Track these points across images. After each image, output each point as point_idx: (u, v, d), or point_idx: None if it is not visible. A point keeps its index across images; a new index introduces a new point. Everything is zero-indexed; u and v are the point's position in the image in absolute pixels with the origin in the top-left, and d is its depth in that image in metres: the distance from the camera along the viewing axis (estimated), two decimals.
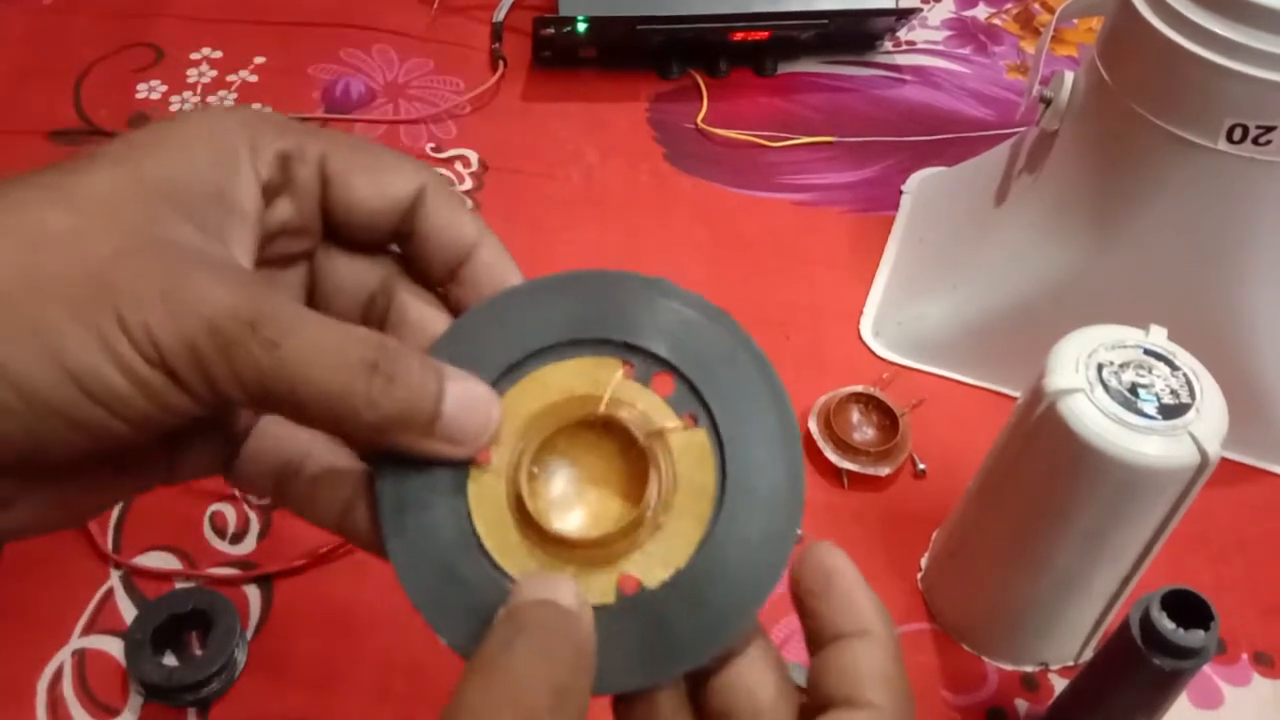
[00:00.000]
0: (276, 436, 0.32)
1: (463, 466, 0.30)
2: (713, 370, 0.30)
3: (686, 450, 0.30)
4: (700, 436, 0.30)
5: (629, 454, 0.30)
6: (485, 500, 0.29)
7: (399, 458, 0.29)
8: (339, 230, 0.32)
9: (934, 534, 0.62)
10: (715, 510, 0.29)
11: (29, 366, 0.24)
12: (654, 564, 0.29)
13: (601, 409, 0.30)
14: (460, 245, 0.32)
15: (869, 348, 0.71)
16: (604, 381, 0.30)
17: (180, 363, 0.25)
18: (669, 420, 0.30)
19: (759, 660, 0.30)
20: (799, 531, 0.30)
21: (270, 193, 0.30)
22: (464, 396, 0.29)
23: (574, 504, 0.31)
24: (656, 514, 0.29)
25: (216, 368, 0.25)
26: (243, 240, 0.29)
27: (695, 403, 0.30)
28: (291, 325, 0.26)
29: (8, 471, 0.27)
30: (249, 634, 0.57)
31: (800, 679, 0.30)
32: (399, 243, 0.33)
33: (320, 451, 0.32)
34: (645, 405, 0.30)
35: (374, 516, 0.30)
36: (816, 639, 0.30)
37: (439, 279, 0.32)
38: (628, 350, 0.30)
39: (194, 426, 0.28)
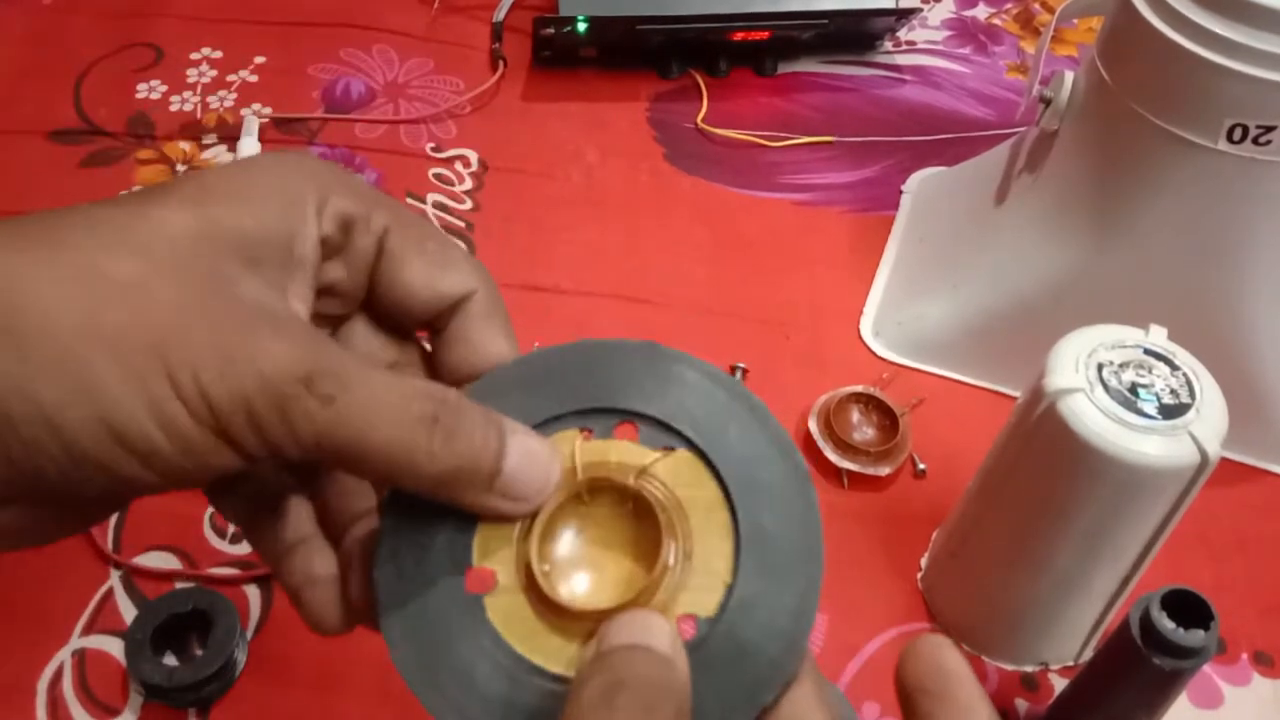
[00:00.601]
0: (261, 478, 0.32)
1: (471, 524, 0.29)
2: (673, 400, 0.30)
3: (677, 475, 0.29)
4: (683, 455, 0.29)
5: (630, 513, 0.30)
6: (490, 561, 0.29)
7: (408, 507, 0.29)
8: (377, 304, 0.32)
9: (934, 534, 0.62)
10: (733, 521, 0.29)
11: (72, 417, 0.24)
12: (698, 599, 0.28)
13: (579, 475, 0.29)
14: (490, 361, 0.31)
15: (869, 347, 0.71)
16: (565, 455, 0.29)
17: (234, 421, 0.25)
18: (647, 457, 0.29)
19: (811, 695, 0.28)
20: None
21: (327, 251, 0.30)
22: (525, 452, 0.28)
23: (586, 572, 0.30)
24: (680, 554, 0.28)
25: (271, 425, 0.25)
26: (302, 294, 0.29)
27: (666, 435, 0.30)
28: (350, 379, 0.26)
29: (46, 504, 0.27)
30: (249, 634, 0.57)
31: (840, 705, 0.29)
32: (432, 332, 0.32)
33: (290, 500, 0.32)
34: (618, 457, 0.30)
35: (368, 548, 0.29)
36: None
37: (450, 381, 0.32)
38: (580, 417, 0.30)
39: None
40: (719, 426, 0.30)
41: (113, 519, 0.60)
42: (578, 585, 0.29)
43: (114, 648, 0.56)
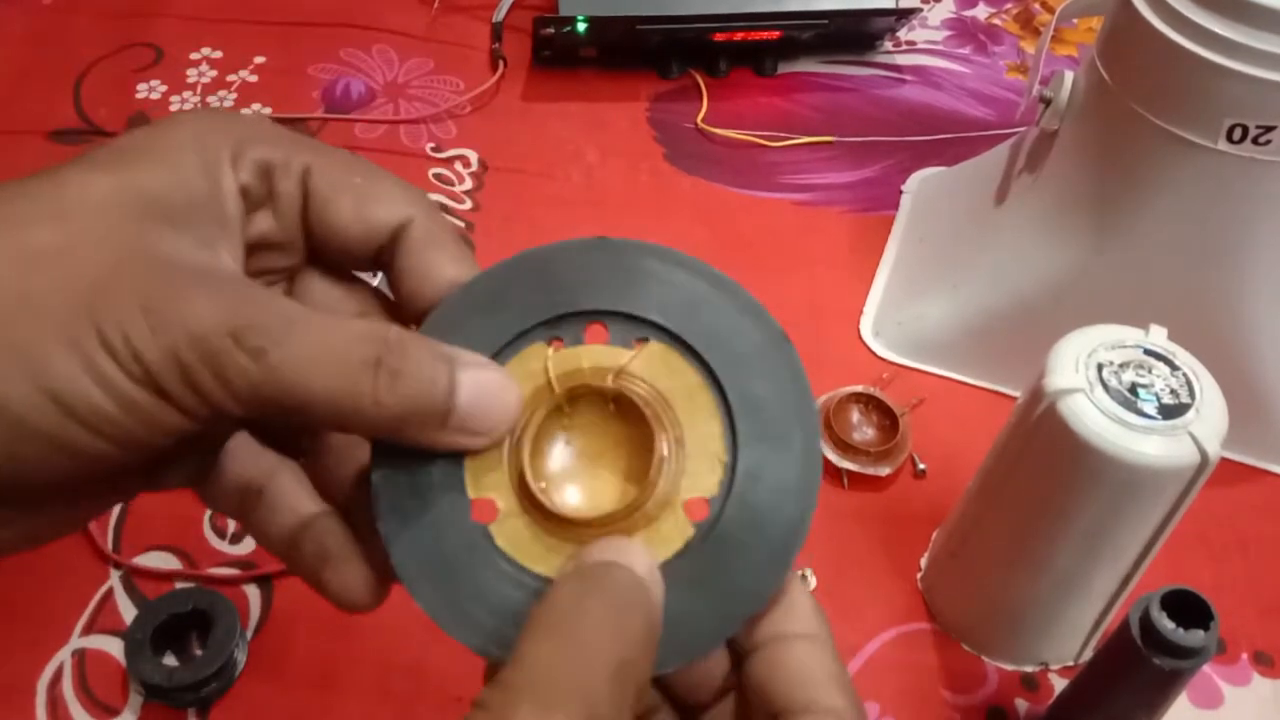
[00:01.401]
0: (241, 458, 0.31)
1: (458, 457, 0.29)
2: (637, 291, 0.29)
3: (654, 367, 0.29)
4: (656, 347, 0.29)
5: (614, 415, 0.29)
6: (485, 490, 0.29)
7: (394, 453, 0.28)
8: (319, 251, 0.31)
9: (934, 534, 0.62)
10: (721, 399, 0.29)
11: (13, 391, 0.24)
12: (701, 482, 0.28)
13: (555, 387, 0.29)
14: (443, 287, 0.30)
15: (869, 347, 0.71)
16: (539, 370, 0.29)
17: (167, 378, 0.25)
18: (621, 356, 0.29)
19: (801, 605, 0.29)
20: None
21: (251, 203, 0.29)
22: (478, 384, 0.28)
23: (582, 481, 0.30)
24: (672, 444, 0.28)
25: (205, 381, 0.25)
26: (231, 250, 0.29)
27: (637, 327, 0.29)
28: (283, 329, 0.25)
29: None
30: (249, 634, 0.57)
31: None
32: (384, 270, 0.31)
33: (281, 478, 0.31)
34: (591, 362, 0.29)
35: (371, 518, 0.29)
36: (748, 640, 0.29)
37: (412, 318, 0.31)
38: (547, 328, 0.30)
39: (184, 444, 0.27)
40: (688, 309, 0.29)
41: (112, 519, 0.60)
42: (576, 496, 0.29)
43: (114, 648, 0.56)
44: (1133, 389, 0.46)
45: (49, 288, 0.24)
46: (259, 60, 0.91)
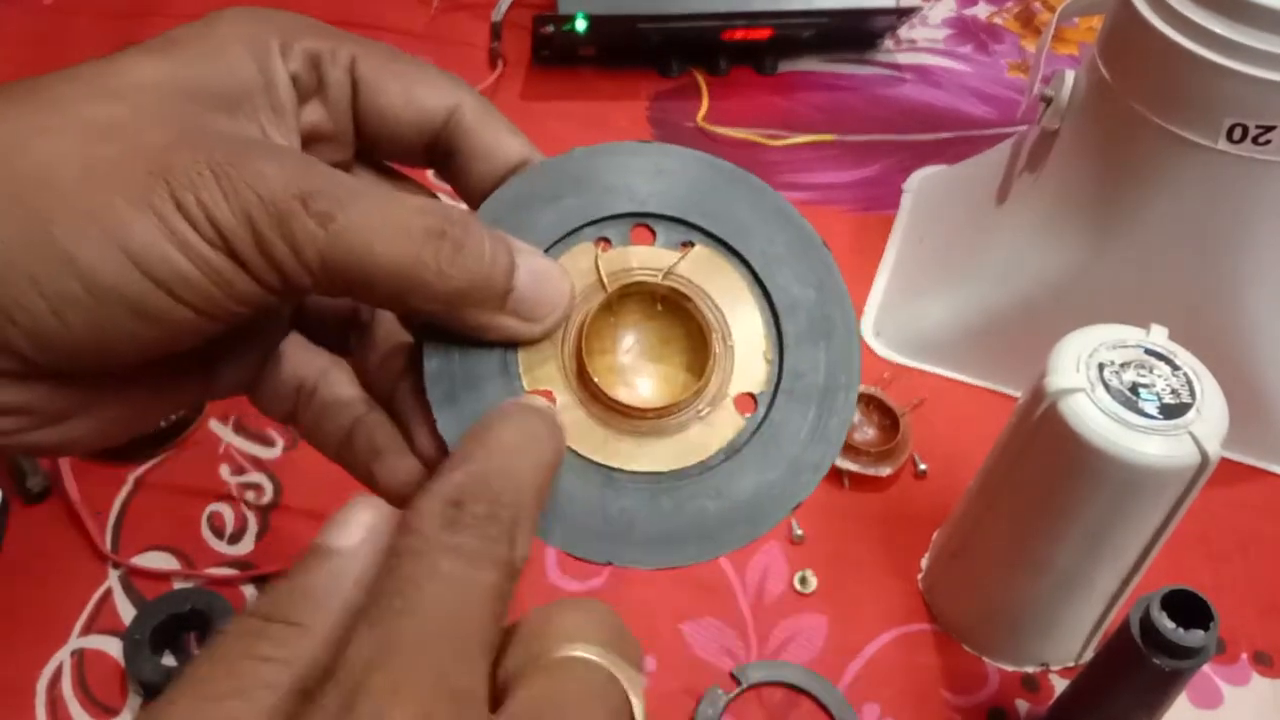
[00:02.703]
0: (295, 358, 0.32)
1: (511, 348, 0.29)
2: (682, 194, 0.31)
3: (700, 268, 0.30)
4: (701, 250, 0.30)
5: (661, 315, 0.31)
6: (541, 382, 0.29)
7: (444, 344, 0.29)
8: (372, 144, 0.31)
9: (935, 534, 0.62)
10: (766, 299, 0.30)
11: (93, 255, 0.24)
12: (750, 379, 0.30)
13: (606, 285, 0.30)
14: (503, 167, 0.31)
15: (869, 347, 0.71)
16: (588, 269, 0.30)
17: (240, 242, 0.25)
18: (668, 258, 0.30)
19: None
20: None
21: (302, 93, 0.30)
22: (535, 270, 0.28)
23: (636, 375, 0.31)
24: (722, 342, 0.30)
25: (275, 246, 0.25)
26: (287, 135, 0.29)
27: (682, 229, 0.31)
28: (348, 197, 0.26)
29: (75, 380, 0.27)
30: None
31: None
32: (437, 167, 0.32)
33: (333, 376, 0.32)
34: (639, 262, 0.30)
35: (421, 401, 0.29)
36: None
37: (476, 202, 0.31)
38: (595, 227, 0.30)
39: (244, 330, 0.28)
40: (731, 214, 0.31)
41: (111, 519, 0.60)
42: (632, 388, 0.30)
43: (113, 648, 0.56)
44: (1134, 389, 0.46)
45: (118, 155, 0.25)
46: None
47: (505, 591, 0.23)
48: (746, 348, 0.30)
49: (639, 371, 0.31)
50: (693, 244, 0.31)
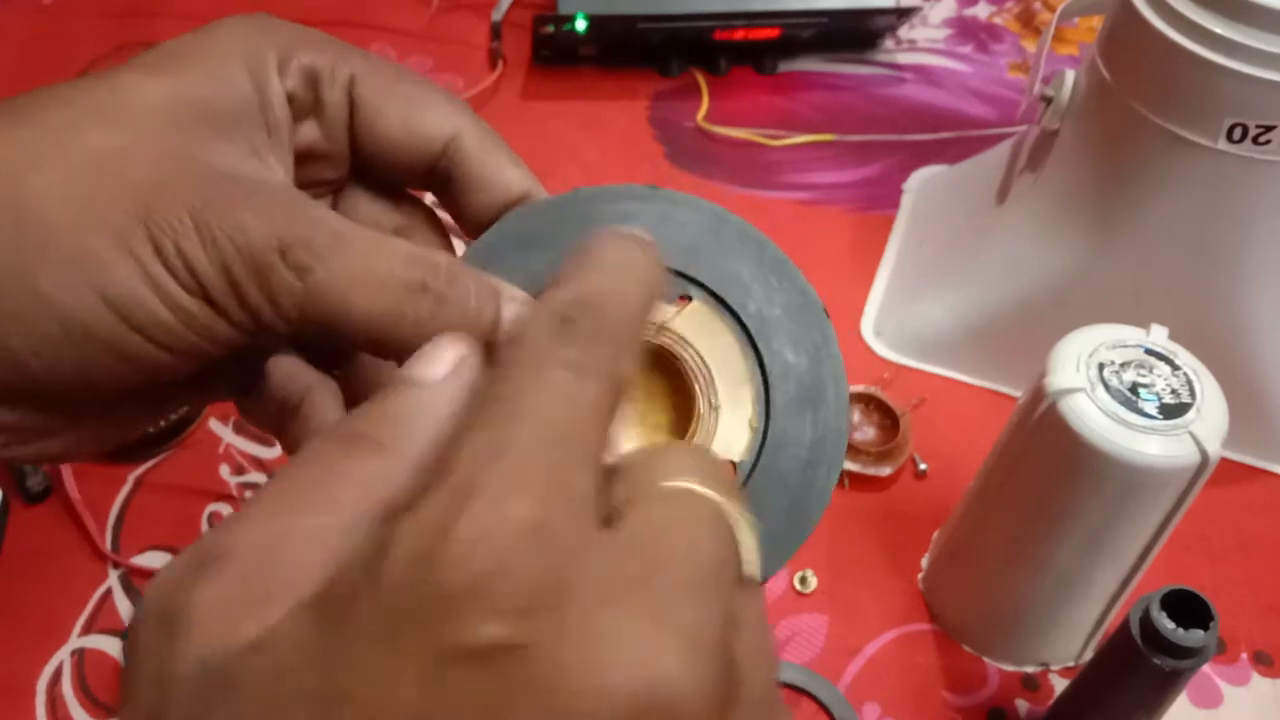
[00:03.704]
0: (283, 374, 0.32)
1: None
2: (683, 247, 0.30)
3: (694, 325, 0.29)
4: (697, 306, 0.30)
5: (650, 369, 0.30)
6: None
7: None
8: (367, 164, 0.31)
9: (935, 534, 0.62)
10: (758, 364, 0.29)
11: (71, 298, 0.24)
12: (731, 445, 0.29)
13: None
14: (503, 199, 0.30)
15: (869, 347, 0.71)
16: None
17: (217, 291, 0.25)
18: (665, 312, 0.30)
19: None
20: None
21: (298, 112, 0.29)
22: (525, 318, 0.27)
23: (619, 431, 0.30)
24: (709, 405, 0.29)
25: (251, 294, 0.25)
26: (280, 158, 0.29)
27: (679, 282, 0.30)
28: (328, 247, 0.25)
29: (57, 403, 0.27)
30: None
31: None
32: (435, 190, 0.31)
33: (318, 395, 0.31)
34: None
35: None
36: None
37: (474, 231, 0.31)
38: None
39: (233, 355, 0.28)
40: (731, 268, 0.30)
41: (111, 519, 0.60)
42: (625, 445, 0.30)
43: (113, 647, 0.56)
44: (1134, 389, 0.46)
45: (108, 195, 0.25)
46: None
47: (612, 407, 0.22)
48: (732, 412, 0.29)
49: (628, 427, 0.30)
50: (689, 298, 0.30)
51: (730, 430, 0.29)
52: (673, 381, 0.30)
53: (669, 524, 0.21)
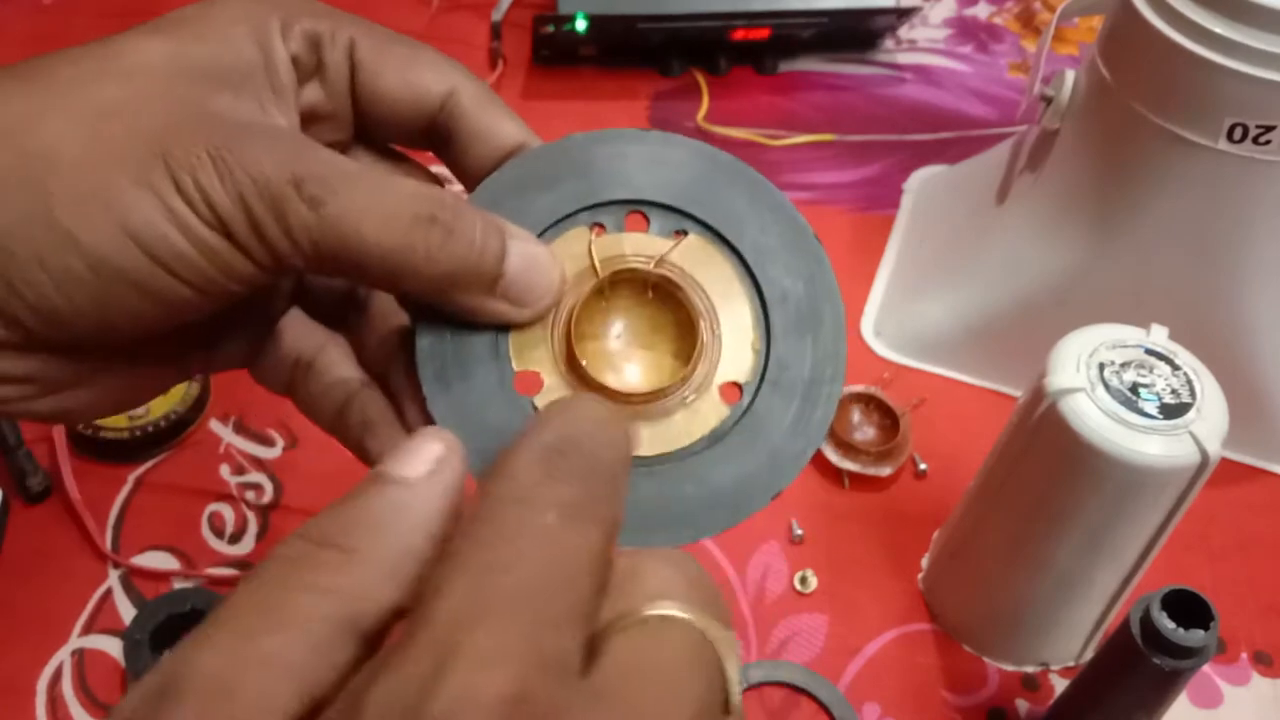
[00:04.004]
0: (294, 333, 0.32)
1: (503, 331, 0.29)
2: (678, 183, 0.31)
3: (692, 256, 0.30)
4: (694, 239, 0.31)
5: (651, 302, 0.31)
6: (530, 364, 0.29)
7: (438, 324, 0.29)
8: (370, 125, 0.32)
9: (935, 534, 0.62)
10: (756, 290, 0.30)
11: (94, 234, 0.25)
12: (736, 368, 0.30)
13: (599, 270, 0.30)
14: (500, 151, 0.31)
15: (869, 347, 0.71)
16: (581, 253, 0.30)
17: (235, 224, 0.25)
18: (661, 245, 0.31)
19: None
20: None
21: (301, 74, 0.30)
22: (527, 255, 0.28)
23: (624, 360, 0.31)
24: (710, 330, 0.30)
25: (269, 227, 0.26)
26: (286, 115, 0.30)
27: (676, 218, 0.31)
28: (340, 182, 0.26)
29: (78, 351, 0.27)
30: None
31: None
32: (435, 149, 0.32)
33: (330, 352, 0.32)
34: (633, 248, 0.31)
35: (412, 379, 0.29)
36: None
37: (474, 185, 0.32)
38: (590, 213, 0.31)
39: (245, 304, 0.28)
40: (726, 204, 0.31)
41: (111, 519, 0.60)
42: (620, 374, 0.30)
43: (113, 647, 0.56)
44: (1134, 389, 0.46)
45: (120, 136, 0.25)
46: None
47: (606, 554, 0.21)
48: (734, 337, 0.30)
49: (627, 357, 0.31)
50: (686, 233, 0.31)
51: (734, 353, 0.30)
52: (675, 312, 0.30)
53: (652, 664, 0.20)
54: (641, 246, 0.31)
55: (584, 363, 0.29)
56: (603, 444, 0.22)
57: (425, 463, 0.22)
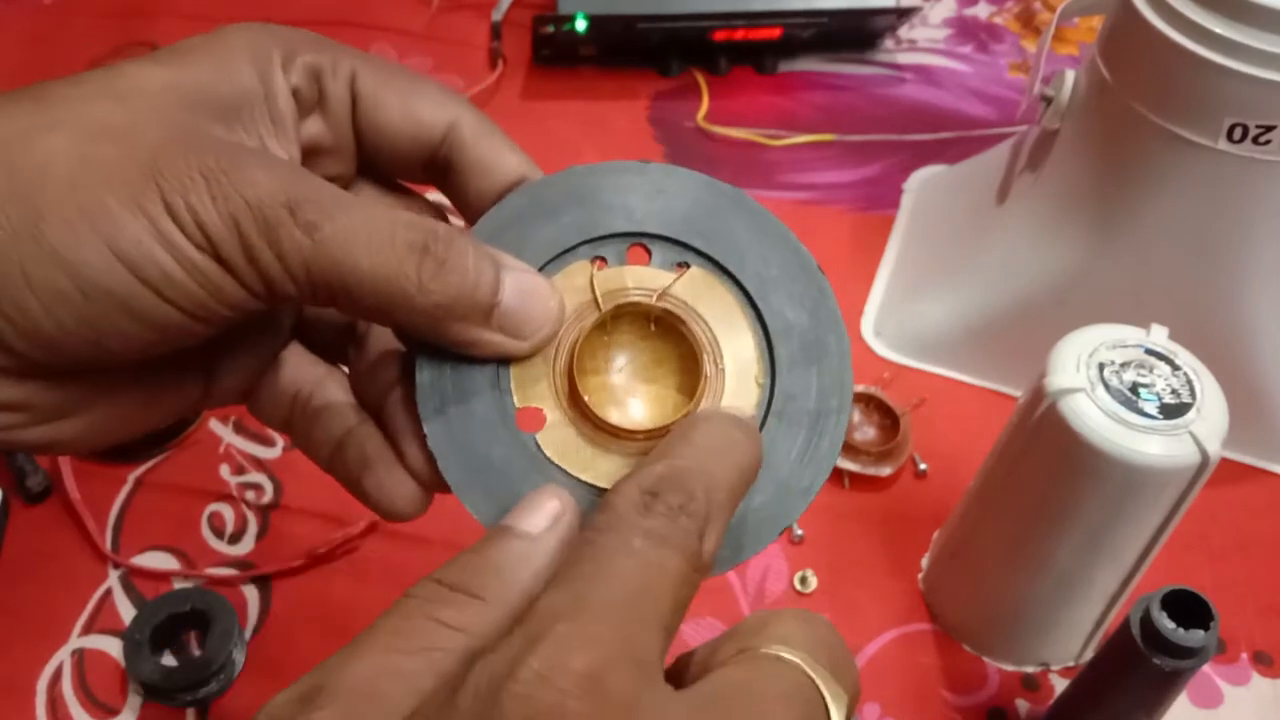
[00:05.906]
0: (293, 367, 0.32)
1: (504, 365, 0.29)
2: (679, 216, 0.31)
3: (694, 289, 0.30)
4: (696, 272, 0.31)
5: (654, 335, 0.31)
6: (531, 399, 0.29)
7: (437, 359, 0.29)
8: (373, 159, 0.32)
9: (935, 534, 0.62)
10: (759, 323, 0.30)
11: (82, 253, 0.25)
12: (740, 402, 0.30)
13: (601, 304, 0.30)
14: (501, 183, 0.31)
15: (869, 347, 0.71)
16: (583, 286, 0.30)
17: (227, 247, 0.25)
18: (664, 279, 0.31)
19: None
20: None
21: (303, 106, 0.30)
22: (522, 286, 0.28)
23: (626, 395, 0.31)
24: (714, 364, 0.30)
25: (261, 253, 0.25)
26: (286, 145, 0.30)
27: (678, 251, 0.31)
28: (335, 208, 0.26)
29: (69, 377, 0.27)
30: (247, 634, 0.57)
31: None
32: (437, 182, 0.32)
33: (329, 387, 0.32)
34: (635, 281, 0.30)
35: (411, 414, 0.29)
36: None
37: (476, 218, 0.32)
38: (591, 246, 0.31)
39: (240, 334, 0.29)
40: (727, 236, 0.31)
41: (111, 519, 0.60)
42: (623, 408, 0.30)
43: (113, 647, 0.56)
44: (1134, 389, 0.46)
45: (113, 155, 0.25)
46: None
47: (690, 580, 0.24)
48: (738, 370, 0.30)
49: (631, 392, 0.31)
50: (688, 265, 0.31)
51: (739, 386, 0.30)
52: (679, 346, 0.30)
53: (748, 689, 0.23)
54: (644, 279, 0.30)
55: (587, 398, 0.29)
56: (703, 482, 0.25)
57: (545, 518, 0.26)
